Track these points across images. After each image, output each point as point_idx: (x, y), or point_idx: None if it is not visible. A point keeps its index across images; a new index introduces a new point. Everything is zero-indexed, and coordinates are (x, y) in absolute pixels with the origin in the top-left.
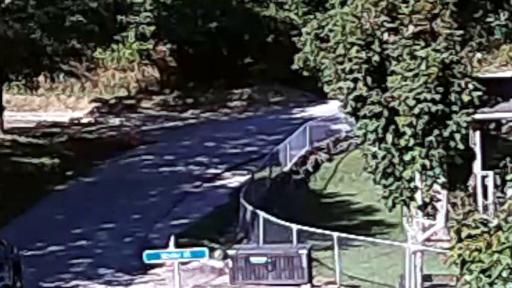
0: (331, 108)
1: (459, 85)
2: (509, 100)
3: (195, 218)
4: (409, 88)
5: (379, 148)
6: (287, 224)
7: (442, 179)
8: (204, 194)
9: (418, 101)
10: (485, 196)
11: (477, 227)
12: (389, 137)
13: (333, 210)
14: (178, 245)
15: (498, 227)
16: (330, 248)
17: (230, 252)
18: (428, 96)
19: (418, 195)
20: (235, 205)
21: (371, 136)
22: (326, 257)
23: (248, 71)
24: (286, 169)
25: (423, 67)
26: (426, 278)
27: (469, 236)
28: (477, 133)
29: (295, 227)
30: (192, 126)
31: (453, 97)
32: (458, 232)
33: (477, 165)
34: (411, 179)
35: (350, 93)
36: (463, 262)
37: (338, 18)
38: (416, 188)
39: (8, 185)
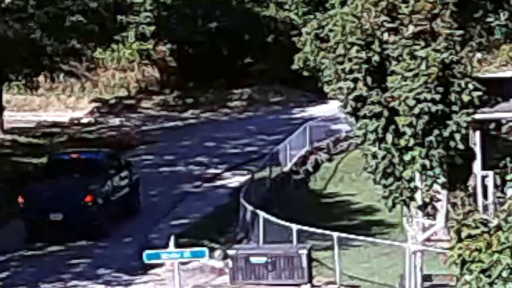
0: (331, 108)
1: (459, 85)
2: (509, 100)
3: (195, 218)
4: (409, 88)
5: (379, 148)
6: (287, 224)
7: (442, 179)
8: (204, 194)
9: (418, 101)
10: (485, 196)
11: (477, 227)
12: (389, 137)
13: (333, 210)
14: (178, 245)
15: (498, 227)
16: (330, 248)
17: (230, 252)
18: (428, 96)
19: (418, 195)
20: (235, 205)
21: (371, 136)
22: (326, 257)
23: (248, 71)
24: (286, 169)
25: (423, 67)
26: (426, 278)
27: (469, 236)
28: (477, 133)
29: (295, 227)
30: (192, 126)
31: (453, 97)
32: (458, 232)
33: (477, 165)
34: (411, 179)
35: (350, 93)
36: (463, 262)
37: (338, 18)
38: (416, 188)
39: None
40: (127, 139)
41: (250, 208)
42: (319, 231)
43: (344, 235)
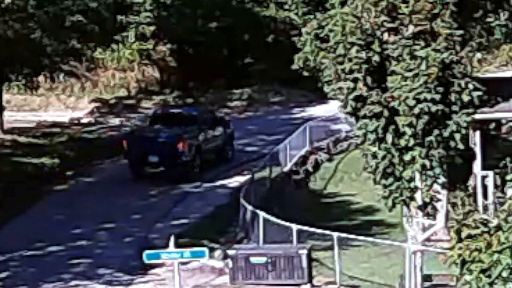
0: (331, 108)
1: (459, 85)
2: (509, 100)
3: (195, 218)
4: (409, 88)
5: (379, 148)
6: (287, 224)
7: (442, 179)
8: (204, 194)
9: (418, 101)
10: (485, 196)
11: (477, 227)
12: (389, 137)
13: (333, 210)
14: (178, 245)
15: (498, 227)
16: (330, 248)
17: (230, 252)
18: (428, 96)
19: (418, 195)
20: (235, 205)
21: (371, 136)
22: (326, 257)
23: (248, 71)
24: (286, 169)
25: (423, 67)
26: (426, 278)
27: (469, 236)
28: (477, 133)
29: (295, 227)
30: None
31: (453, 97)
32: (458, 232)
33: (477, 165)
34: (411, 179)
35: (350, 93)
36: (463, 262)
37: (338, 18)
38: (416, 188)
39: (8, 185)
40: None
41: (250, 208)
42: (319, 231)
43: (344, 235)
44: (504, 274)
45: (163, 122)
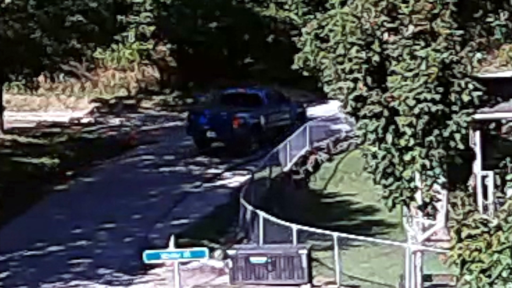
0: (331, 108)
1: (459, 85)
2: (509, 100)
3: (195, 218)
4: (409, 88)
5: (379, 148)
6: (287, 224)
7: (442, 179)
8: (204, 194)
9: (418, 101)
10: (485, 196)
11: (477, 227)
12: (389, 137)
13: (333, 210)
14: (178, 245)
15: (498, 227)
16: (330, 248)
17: (230, 252)
18: (428, 96)
19: (418, 195)
20: (235, 205)
21: (371, 136)
22: (326, 257)
23: (248, 71)
24: (286, 169)
25: (423, 67)
26: (426, 278)
27: (469, 236)
28: (477, 133)
29: (295, 227)
30: None
31: (453, 97)
32: (458, 232)
33: (477, 165)
34: (411, 179)
35: (350, 93)
36: (463, 262)
37: (338, 18)
38: (416, 188)
39: (8, 185)
40: (127, 139)
41: (250, 208)
42: (319, 231)
43: (344, 235)
44: (504, 274)
45: (229, 102)
